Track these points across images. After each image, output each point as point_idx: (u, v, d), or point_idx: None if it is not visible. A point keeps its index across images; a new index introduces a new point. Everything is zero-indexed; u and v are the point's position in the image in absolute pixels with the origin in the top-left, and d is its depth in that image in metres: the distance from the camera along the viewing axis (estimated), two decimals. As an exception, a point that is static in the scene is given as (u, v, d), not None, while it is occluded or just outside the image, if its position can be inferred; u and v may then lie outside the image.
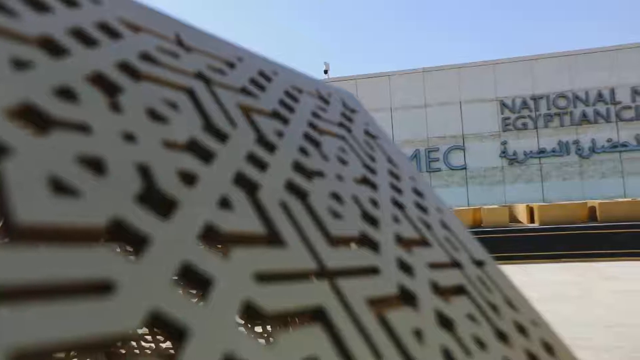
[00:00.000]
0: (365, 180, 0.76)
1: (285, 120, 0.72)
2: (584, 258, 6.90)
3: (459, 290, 0.69)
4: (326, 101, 0.92)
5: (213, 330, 0.34)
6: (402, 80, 14.51)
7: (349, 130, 0.89)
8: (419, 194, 0.88)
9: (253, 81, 0.75)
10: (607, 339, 3.01)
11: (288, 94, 0.81)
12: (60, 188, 0.35)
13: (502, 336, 0.67)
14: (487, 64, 14.01)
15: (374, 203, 0.70)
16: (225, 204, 0.47)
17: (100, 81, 0.48)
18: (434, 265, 0.69)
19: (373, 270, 0.56)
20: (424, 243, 0.73)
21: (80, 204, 0.35)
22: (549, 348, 0.74)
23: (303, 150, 0.68)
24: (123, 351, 1.76)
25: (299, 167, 0.63)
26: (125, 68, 0.53)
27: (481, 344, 0.60)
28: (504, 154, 13.68)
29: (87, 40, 0.51)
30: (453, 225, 0.88)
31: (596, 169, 13.13)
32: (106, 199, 0.36)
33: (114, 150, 0.41)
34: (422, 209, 0.83)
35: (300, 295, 0.43)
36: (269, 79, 0.81)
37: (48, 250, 0.31)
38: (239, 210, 0.47)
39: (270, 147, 0.62)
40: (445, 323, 0.59)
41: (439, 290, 0.65)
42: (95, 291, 0.32)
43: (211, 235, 0.43)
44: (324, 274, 0.48)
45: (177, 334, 0.33)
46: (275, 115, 0.72)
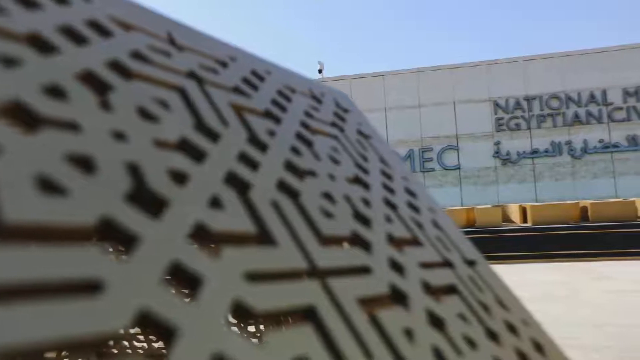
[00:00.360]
0: (357, 180, 0.76)
1: (277, 120, 0.72)
2: (575, 258, 6.96)
3: (451, 290, 0.70)
4: (319, 101, 0.92)
5: (203, 329, 0.34)
6: (396, 80, 14.54)
7: (342, 129, 0.89)
8: (411, 193, 0.88)
9: (246, 80, 0.75)
10: (597, 339, 3.04)
11: (281, 93, 0.81)
12: (49, 187, 0.35)
13: (493, 335, 0.67)
14: (481, 64, 14.07)
15: (366, 203, 0.71)
16: (216, 203, 0.47)
17: (90, 79, 0.48)
18: (426, 265, 0.69)
19: (364, 270, 0.56)
20: (415, 243, 0.74)
21: (69, 202, 0.35)
22: (539, 347, 0.74)
23: (295, 150, 0.68)
24: (115, 351, 1.75)
25: (290, 167, 0.63)
26: (116, 66, 0.53)
27: (472, 344, 0.61)
28: (497, 154, 13.75)
29: (77, 38, 0.50)
30: (445, 224, 0.88)
31: (588, 170, 13.24)
32: (95, 197, 0.36)
33: (104, 149, 0.41)
34: (414, 208, 0.83)
35: (291, 295, 0.43)
36: (261, 79, 0.81)
37: (36, 250, 0.30)
38: (230, 209, 0.47)
39: (262, 147, 0.62)
40: (436, 322, 0.59)
41: (430, 290, 0.65)
42: (84, 290, 0.32)
43: (201, 235, 0.43)
44: (315, 273, 0.49)
45: (167, 333, 0.33)
46: (268, 114, 0.71)
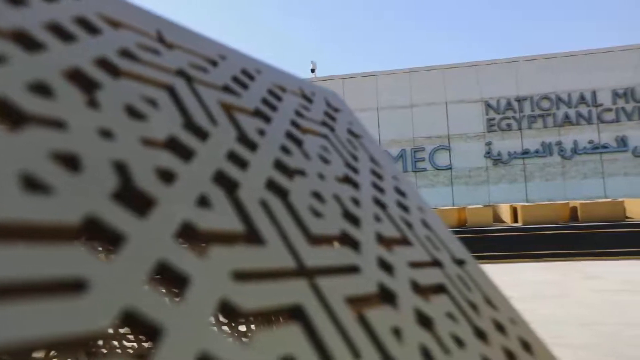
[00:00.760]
0: (347, 179, 0.76)
1: (267, 119, 0.72)
2: (565, 257, 7.03)
3: (439, 289, 0.70)
4: (310, 100, 0.92)
5: (189, 329, 0.34)
6: (389, 80, 14.58)
7: (332, 129, 0.89)
8: (401, 193, 0.88)
9: (236, 79, 0.75)
10: (585, 337, 3.07)
11: (271, 92, 0.81)
12: (33, 185, 0.35)
13: (481, 334, 0.67)
14: (473, 65, 14.15)
15: (356, 202, 0.71)
16: (204, 202, 0.47)
17: (77, 77, 0.48)
18: (415, 264, 0.70)
19: (353, 269, 0.56)
20: (405, 242, 0.74)
21: (53, 201, 0.34)
22: (526, 346, 0.75)
23: (285, 149, 0.68)
24: (105, 350, 1.74)
25: (280, 166, 0.63)
26: (104, 64, 0.53)
27: (460, 342, 0.61)
28: (488, 154, 13.84)
29: (65, 35, 0.50)
30: (434, 224, 0.89)
31: (578, 170, 13.37)
32: (81, 196, 0.36)
33: (90, 147, 0.41)
34: (404, 208, 0.84)
35: (279, 294, 0.43)
36: (252, 77, 0.81)
37: (19, 249, 0.30)
38: (218, 208, 0.47)
39: (252, 146, 0.62)
40: (425, 322, 0.59)
41: (419, 289, 0.65)
42: (68, 290, 0.31)
43: (189, 234, 0.43)
44: (303, 272, 0.49)
45: (153, 333, 0.33)
46: (258, 113, 0.71)
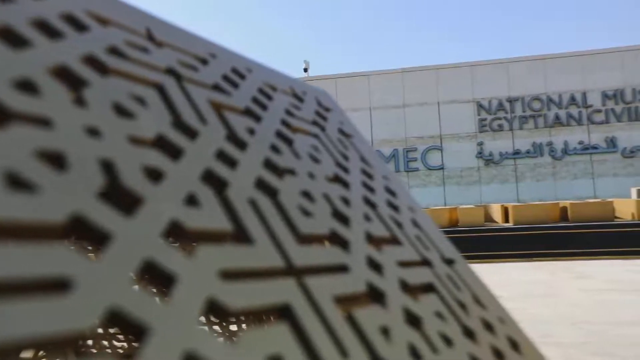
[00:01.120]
0: (337, 179, 0.76)
1: (257, 118, 0.72)
2: (555, 257, 7.09)
3: (428, 288, 0.70)
4: (300, 99, 0.92)
5: (175, 328, 0.34)
6: (381, 80, 14.61)
7: (323, 128, 0.89)
8: (391, 192, 0.88)
9: (226, 78, 0.75)
10: (574, 336, 3.10)
11: (261, 91, 0.81)
12: (18, 183, 0.35)
13: (470, 333, 0.68)
14: (465, 65, 14.22)
15: (346, 201, 0.71)
16: (192, 201, 0.47)
17: (64, 74, 0.47)
18: (404, 264, 0.70)
19: (342, 268, 0.56)
20: (394, 241, 0.74)
21: (39, 199, 0.34)
22: (514, 345, 0.75)
23: (275, 148, 0.67)
24: (94, 350, 1.73)
25: (269, 165, 0.63)
26: (92, 62, 0.52)
27: (448, 342, 0.61)
28: (480, 154, 13.92)
29: (52, 32, 0.49)
30: (425, 224, 0.89)
31: (568, 170, 13.49)
32: (66, 194, 0.36)
33: (77, 145, 0.40)
34: (394, 207, 0.84)
35: (267, 293, 0.43)
36: (242, 76, 0.80)
37: (2, 247, 0.30)
38: (207, 207, 0.47)
39: (241, 145, 0.62)
40: (414, 321, 0.60)
41: (408, 289, 0.65)
42: (52, 289, 0.31)
43: (177, 233, 0.43)
44: (292, 272, 0.49)
45: (139, 332, 0.33)
46: (248, 112, 0.71)
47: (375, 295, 0.58)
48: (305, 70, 16.80)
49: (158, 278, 0.39)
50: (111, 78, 0.53)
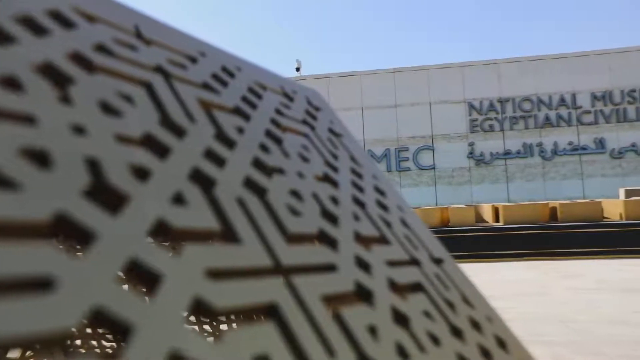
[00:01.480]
0: (326, 178, 0.76)
1: (246, 117, 0.71)
2: (544, 257, 7.15)
3: (417, 288, 0.71)
4: (291, 98, 0.92)
5: (160, 327, 0.34)
6: (373, 80, 14.64)
7: (313, 127, 0.89)
8: (380, 192, 0.89)
9: (215, 76, 0.74)
10: (563, 335, 3.13)
11: (251, 90, 0.81)
12: (1, 181, 0.34)
13: (457, 332, 0.68)
14: (456, 66, 14.29)
15: (335, 201, 0.71)
16: (179, 199, 0.46)
17: (50, 72, 0.47)
18: (393, 263, 0.70)
19: (330, 268, 0.56)
20: (383, 241, 0.74)
21: (21, 197, 0.34)
22: (502, 343, 0.76)
23: (264, 147, 0.67)
24: (83, 350, 1.72)
25: (258, 164, 0.63)
26: (78, 59, 0.52)
27: (435, 340, 0.62)
28: (471, 154, 14.01)
29: (37, 29, 0.49)
30: (414, 223, 0.89)
31: (558, 171, 13.62)
32: (50, 192, 0.35)
33: (62, 143, 0.40)
34: (383, 207, 0.84)
35: (254, 292, 0.43)
36: (232, 75, 0.80)
37: (-17, 246, 0.29)
38: (194, 206, 0.47)
39: (230, 143, 0.62)
40: (401, 320, 0.60)
41: (396, 288, 0.66)
42: (35, 288, 0.31)
43: (163, 231, 0.43)
44: (279, 270, 0.48)
45: (123, 331, 0.33)
46: (237, 111, 0.71)
47: (363, 295, 0.58)
48: (298, 69, 16.78)
49: (144, 277, 0.38)
50: (98, 75, 0.52)
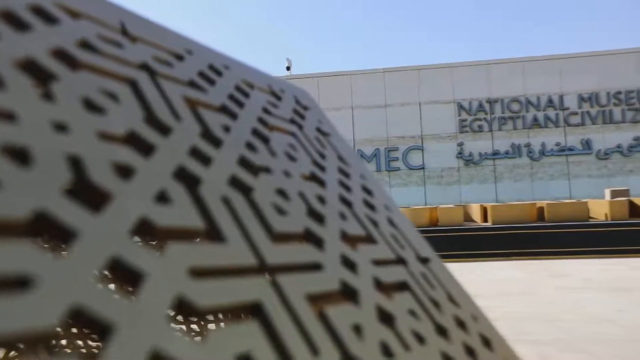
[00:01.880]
0: (313, 177, 0.76)
1: (233, 115, 0.71)
2: (532, 256, 7.22)
3: (402, 287, 0.71)
4: (278, 97, 0.92)
5: (141, 326, 0.33)
6: (363, 79, 14.67)
7: (301, 127, 0.89)
8: (367, 191, 0.89)
9: (202, 74, 0.74)
10: (549, 334, 3.17)
11: (238, 88, 0.80)
12: (-21, 179, 0.34)
13: (442, 331, 0.69)
14: (446, 66, 14.37)
15: (321, 200, 0.71)
16: (163, 198, 0.46)
17: (31, 68, 0.46)
18: (379, 262, 0.70)
19: (315, 267, 0.56)
20: (370, 240, 0.74)
21: (0, 195, 0.33)
22: (487, 342, 0.76)
23: (250, 146, 0.67)
24: (68, 350, 1.70)
25: (244, 163, 0.63)
26: (61, 55, 0.51)
27: (420, 339, 0.62)
28: (460, 154, 14.10)
29: (18, 24, 0.48)
30: (401, 222, 0.90)
31: (545, 171, 13.76)
32: (30, 190, 0.35)
33: (43, 140, 0.40)
34: (370, 206, 0.84)
35: (238, 291, 0.43)
36: (219, 73, 0.80)
37: (-40, 244, 0.29)
38: (178, 204, 0.46)
39: (216, 142, 0.61)
40: (386, 318, 0.60)
41: (382, 287, 0.66)
42: (14, 287, 0.30)
43: (147, 230, 0.42)
44: (264, 269, 0.48)
45: (103, 331, 0.33)
46: (223, 109, 0.71)
47: (348, 294, 0.58)
48: (288, 68, 16.76)
49: (128, 276, 0.38)
50: (82, 72, 0.52)
